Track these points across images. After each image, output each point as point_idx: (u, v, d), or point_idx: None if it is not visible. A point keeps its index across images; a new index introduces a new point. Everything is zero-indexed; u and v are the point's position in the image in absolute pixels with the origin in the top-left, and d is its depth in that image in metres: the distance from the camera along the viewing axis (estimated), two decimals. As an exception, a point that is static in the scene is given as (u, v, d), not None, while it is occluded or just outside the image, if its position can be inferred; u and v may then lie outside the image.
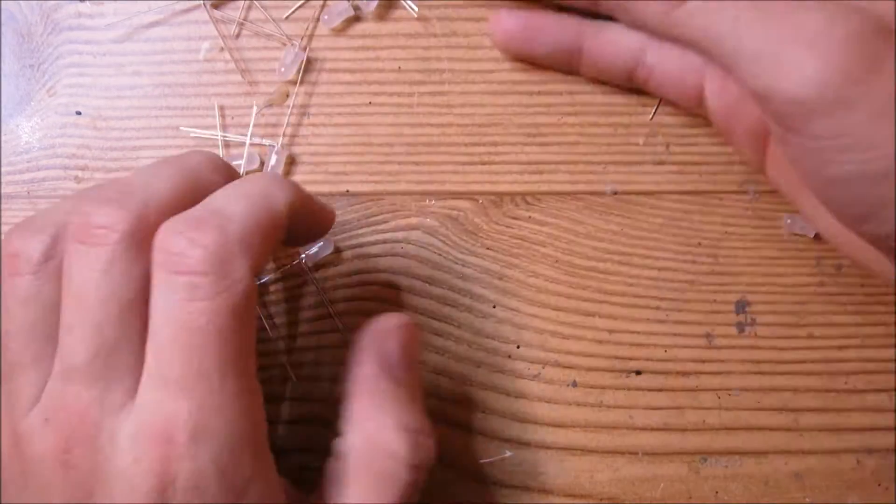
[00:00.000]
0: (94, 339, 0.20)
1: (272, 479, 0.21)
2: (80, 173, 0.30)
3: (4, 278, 0.21)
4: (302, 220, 0.23)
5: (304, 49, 0.30)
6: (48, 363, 0.20)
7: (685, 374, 0.30)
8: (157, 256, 0.20)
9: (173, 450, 0.19)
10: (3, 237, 0.22)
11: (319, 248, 0.29)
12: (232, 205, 0.21)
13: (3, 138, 0.30)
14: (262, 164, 0.30)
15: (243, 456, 0.20)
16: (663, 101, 0.30)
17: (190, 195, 0.22)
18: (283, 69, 0.30)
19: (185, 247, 0.19)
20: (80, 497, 0.19)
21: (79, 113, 0.30)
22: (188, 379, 0.19)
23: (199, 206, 0.21)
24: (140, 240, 0.20)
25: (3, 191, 0.30)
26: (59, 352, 0.20)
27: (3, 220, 0.30)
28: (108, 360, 0.20)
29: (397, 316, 0.25)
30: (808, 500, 0.29)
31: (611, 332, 0.30)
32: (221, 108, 0.30)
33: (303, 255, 0.29)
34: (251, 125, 0.29)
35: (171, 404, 0.19)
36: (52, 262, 0.21)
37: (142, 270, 0.20)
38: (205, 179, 0.22)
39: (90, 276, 0.20)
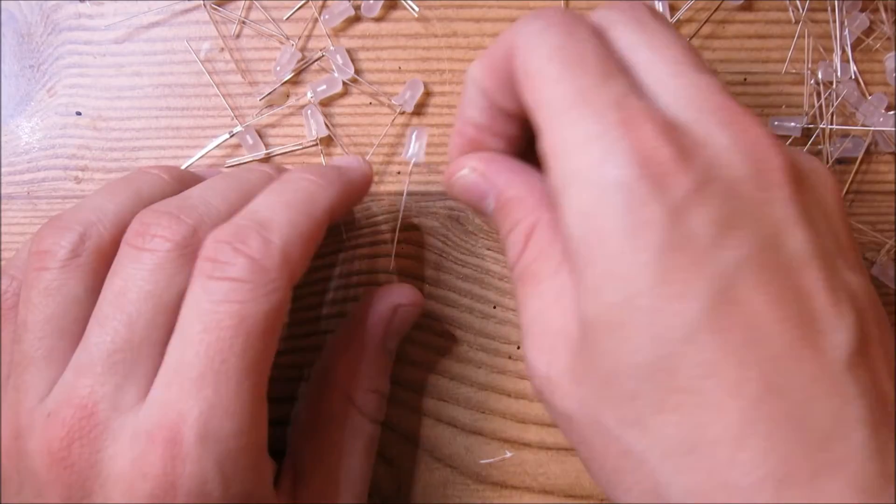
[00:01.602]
0: (122, 333, 0.20)
1: (270, 492, 0.21)
2: (80, 174, 0.30)
3: (32, 272, 0.21)
4: (343, 206, 0.24)
5: (302, 49, 0.30)
6: (61, 359, 0.21)
7: (686, 374, 0.29)
8: (201, 265, 0.20)
9: (179, 450, 0.19)
10: (35, 234, 0.22)
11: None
12: (276, 215, 0.21)
13: (3, 139, 0.30)
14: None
15: (247, 464, 0.20)
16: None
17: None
18: (278, 69, 0.30)
19: (230, 256, 0.20)
20: (77, 497, 0.19)
21: (79, 113, 0.30)
22: (206, 378, 0.19)
23: (243, 215, 0.22)
24: (190, 252, 0.21)
25: (3, 191, 0.30)
26: (82, 343, 0.20)
27: (3, 220, 0.30)
28: (129, 357, 0.20)
29: (412, 291, 0.27)
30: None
31: (611, 332, 0.30)
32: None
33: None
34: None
35: (184, 402, 0.19)
36: (78, 259, 0.21)
37: (184, 280, 0.21)
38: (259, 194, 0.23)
39: (135, 276, 0.20)
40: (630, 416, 0.17)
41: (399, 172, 0.30)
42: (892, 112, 0.30)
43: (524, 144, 0.23)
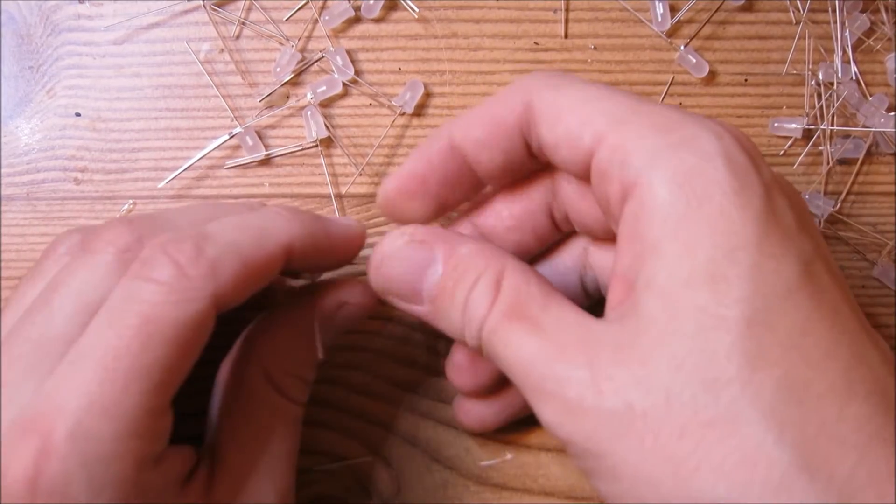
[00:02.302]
0: (38, 326, 0.20)
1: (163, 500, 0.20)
2: (79, 175, 0.30)
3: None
4: (313, 254, 0.23)
5: (302, 50, 0.30)
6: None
7: (686, 376, 0.29)
8: (132, 266, 0.20)
9: (48, 444, 0.18)
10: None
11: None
12: (223, 233, 0.21)
13: (2, 140, 0.30)
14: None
15: (124, 474, 0.18)
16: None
17: None
18: (278, 70, 0.30)
19: (158, 258, 0.20)
20: None
21: (78, 114, 0.30)
22: (94, 373, 0.18)
23: (192, 228, 0.21)
24: (131, 259, 0.21)
25: (2, 192, 0.30)
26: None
27: (2, 221, 0.30)
28: (38, 350, 0.20)
29: (363, 291, 0.25)
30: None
31: (612, 334, 0.30)
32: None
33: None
34: (251, 127, 0.29)
35: (65, 395, 0.18)
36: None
37: (115, 283, 0.20)
38: None
39: (68, 274, 0.21)
40: (724, 375, 0.17)
41: (399, 174, 0.30)
42: (892, 113, 0.30)
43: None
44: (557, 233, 0.25)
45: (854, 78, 0.31)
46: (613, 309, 0.20)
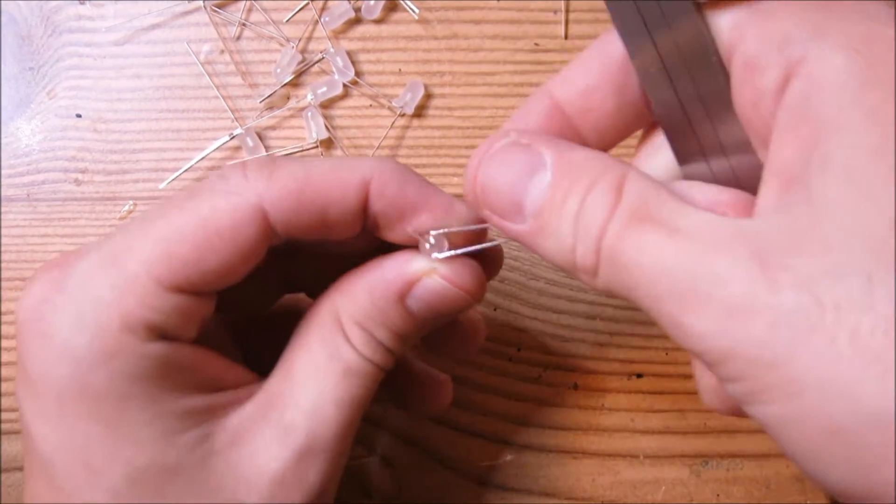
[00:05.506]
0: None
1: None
2: (80, 175, 0.30)
3: None
4: (399, 200, 0.21)
5: (302, 51, 0.30)
6: None
7: (686, 376, 0.29)
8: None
9: (60, 280, 0.20)
10: None
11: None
12: (303, 159, 0.22)
13: (3, 141, 0.30)
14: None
15: (109, 322, 0.19)
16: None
17: None
18: (279, 71, 0.30)
19: (235, 167, 0.21)
20: None
21: (79, 115, 0.30)
22: (120, 233, 0.21)
23: None
24: None
25: (3, 193, 0.30)
26: None
27: (3, 222, 0.30)
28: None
29: (470, 277, 0.22)
30: (809, 502, 0.29)
31: (612, 334, 0.30)
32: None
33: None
34: (252, 128, 0.29)
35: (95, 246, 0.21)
36: None
37: None
38: None
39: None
40: None
41: (399, 174, 0.30)
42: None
43: None
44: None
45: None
46: (770, 209, 0.17)
